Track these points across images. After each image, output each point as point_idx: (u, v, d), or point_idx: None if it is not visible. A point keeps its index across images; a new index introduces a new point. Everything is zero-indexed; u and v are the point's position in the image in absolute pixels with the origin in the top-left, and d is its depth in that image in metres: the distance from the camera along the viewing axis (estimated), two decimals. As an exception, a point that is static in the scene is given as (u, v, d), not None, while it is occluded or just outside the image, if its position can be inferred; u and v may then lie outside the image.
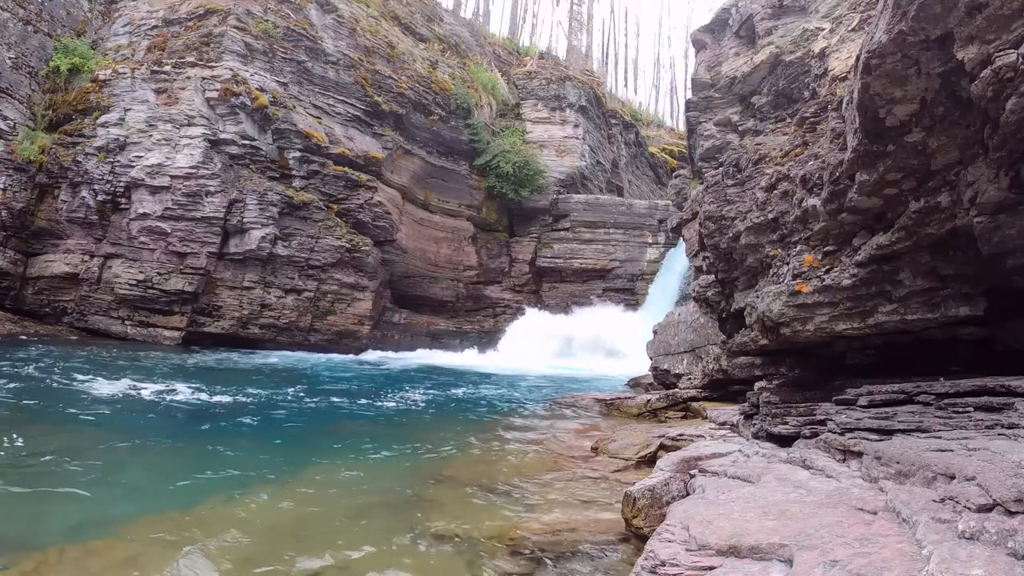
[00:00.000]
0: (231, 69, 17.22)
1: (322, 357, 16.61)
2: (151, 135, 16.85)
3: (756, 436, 4.58)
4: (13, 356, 10.61)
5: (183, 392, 8.21)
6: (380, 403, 9.16)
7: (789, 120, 7.24)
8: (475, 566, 3.20)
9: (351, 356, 17.88)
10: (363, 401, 9.19)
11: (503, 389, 11.87)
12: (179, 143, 16.73)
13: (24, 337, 14.91)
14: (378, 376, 13.02)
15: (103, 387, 8.08)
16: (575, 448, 6.23)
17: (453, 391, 10.96)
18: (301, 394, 9.23)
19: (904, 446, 2.81)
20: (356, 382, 11.55)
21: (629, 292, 23.05)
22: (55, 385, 8.06)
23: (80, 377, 8.71)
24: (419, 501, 4.31)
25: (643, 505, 3.49)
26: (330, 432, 7.05)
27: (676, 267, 20.36)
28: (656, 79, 57.59)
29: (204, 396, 8.14)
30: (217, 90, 16.90)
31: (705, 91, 9.96)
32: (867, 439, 3.20)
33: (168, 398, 7.83)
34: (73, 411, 6.65)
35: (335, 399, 9.07)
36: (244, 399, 8.33)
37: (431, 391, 10.64)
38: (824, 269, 3.94)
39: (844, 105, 3.66)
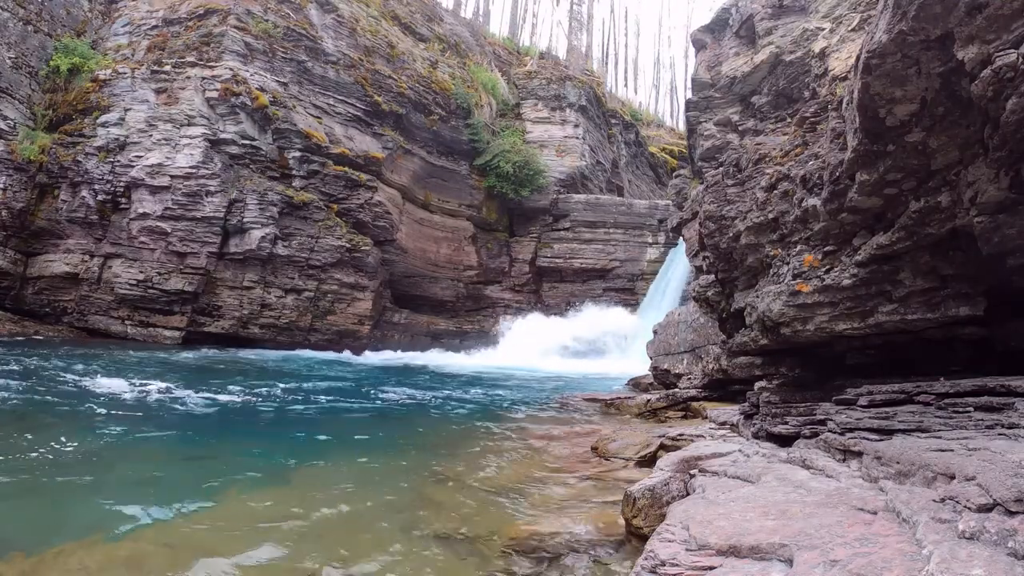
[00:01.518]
0: (231, 69, 17.22)
1: (322, 357, 16.61)
2: (151, 135, 16.86)
3: (756, 436, 4.58)
4: (13, 356, 10.60)
5: (183, 392, 8.21)
6: (379, 403, 9.16)
7: (789, 120, 7.25)
8: (476, 566, 3.20)
9: (351, 356, 17.88)
10: (362, 401, 9.19)
11: (503, 389, 11.87)
12: (179, 143, 16.74)
13: (24, 337, 14.91)
14: (377, 376, 13.02)
15: (103, 386, 8.08)
16: (575, 448, 6.22)
17: (452, 391, 10.96)
18: (300, 394, 9.23)
19: (904, 446, 2.81)
20: (355, 382, 11.54)
21: (629, 292, 23.06)
22: (55, 385, 8.06)
23: (80, 377, 8.71)
24: (419, 500, 4.31)
25: (643, 505, 3.49)
26: (329, 431, 7.04)
27: (677, 267, 20.36)
28: (656, 79, 57.68)
29: (204, 396, 8.14)
30: (217, 90, 16.90)
31: (705, 91, 9.96)
32: (867, 439, 3.20)
33: (168, 398, 7.83)
34: (73, 411, 6.65)
35: (335, 399, 9.07)
36: (244, 399, 8.34)
37: (430, 391, 10.64)
38: (824, 269, 3.94)
39: (844, 105, 3.66)
